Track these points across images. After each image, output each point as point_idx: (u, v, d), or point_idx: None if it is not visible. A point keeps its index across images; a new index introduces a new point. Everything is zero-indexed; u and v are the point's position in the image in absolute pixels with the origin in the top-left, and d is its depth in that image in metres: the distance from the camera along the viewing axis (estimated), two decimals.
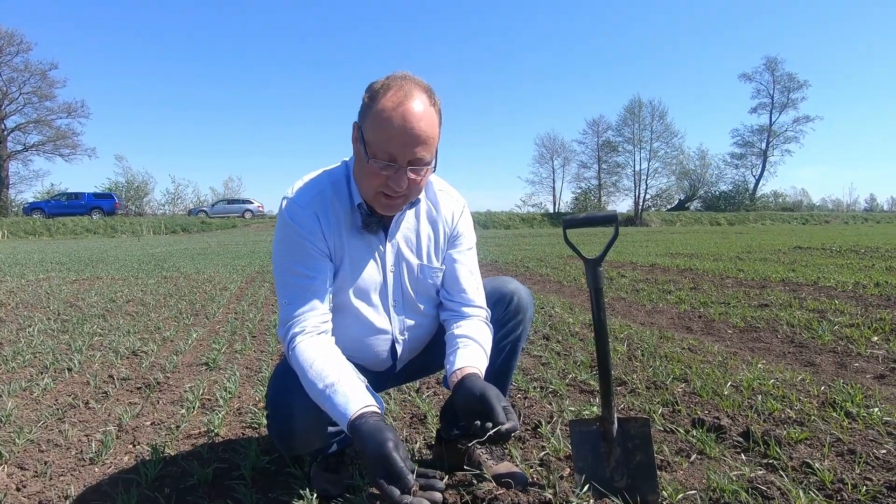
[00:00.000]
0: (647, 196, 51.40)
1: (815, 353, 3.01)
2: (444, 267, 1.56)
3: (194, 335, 3.75)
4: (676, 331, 3.73)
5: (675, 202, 55.85)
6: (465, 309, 1.53)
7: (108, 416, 2.26)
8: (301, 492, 1.51)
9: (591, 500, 1.43)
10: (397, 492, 1.07)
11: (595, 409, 2.13)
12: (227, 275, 8.05)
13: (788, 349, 3.15)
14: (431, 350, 1.67)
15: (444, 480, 1.56)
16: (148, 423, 2.19)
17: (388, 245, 1.49)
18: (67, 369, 2.93)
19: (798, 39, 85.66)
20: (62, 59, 72.60)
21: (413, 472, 1.10)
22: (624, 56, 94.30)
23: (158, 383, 2.70)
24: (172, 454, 1.88)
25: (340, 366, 1.31)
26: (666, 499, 1.47)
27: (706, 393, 2.31)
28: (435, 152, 1.33)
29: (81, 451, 1.92)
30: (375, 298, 1.50)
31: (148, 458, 1.84)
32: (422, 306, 1.57)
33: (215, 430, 2.06)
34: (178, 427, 2.11)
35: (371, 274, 1.48)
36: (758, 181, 56.50)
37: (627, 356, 3.02)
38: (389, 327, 1.53)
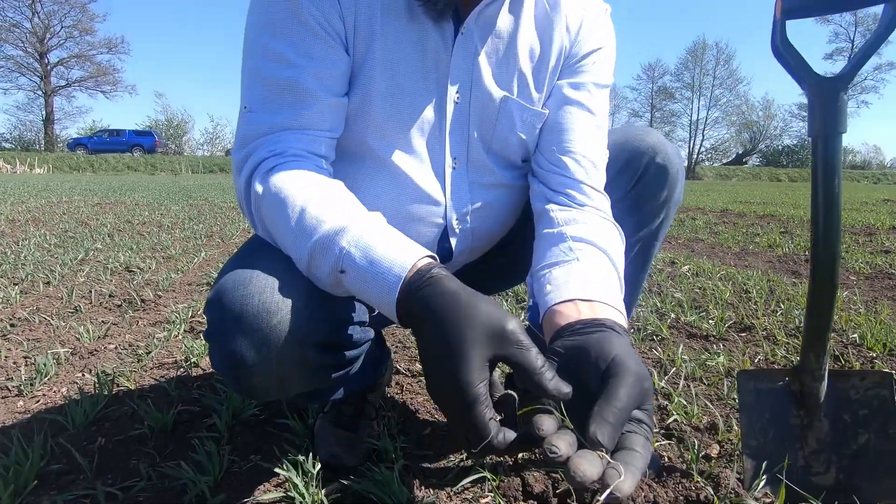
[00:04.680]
0: (703, 148, 48.22)
1: None
2: (546, 111, 0.89)
3: (203, 255, 3.24)
4: (783, 275, 2.99)
5: (732, 156, 52.33)
6: (572, 191, 0.86)
7: (67, 335, 1.74)
8: (296, 457, 0.93)
9: (774, 501, 0.84)
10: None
11: (723, 358, 1.48)
12: None
13: None
14: (512, 249, 1.03)
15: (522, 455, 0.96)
16: (112, 345, 1.66)
17: (457, 49, 0.82)
18: (45, 283, 2.44)
19: None
20: None
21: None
22: None
23: (144, 302, 2.17)
24: (129, 388, 1.35)
25: (360, 206, 0.70)
26: None
27: (877, 347, 1.62)
28: None
29: (11, 377, 1.40)
30: (419, 143, 0.85)
31: (91, 392, 1.30)
32: (499, 173, 0.91)
33: (194, 360, 1.51)
34: (148, 353, 1.58)
35: (419, 95, 0.82)
36: None
37: (738, 297, 2.32)
38: (442, 198, 0.88)
